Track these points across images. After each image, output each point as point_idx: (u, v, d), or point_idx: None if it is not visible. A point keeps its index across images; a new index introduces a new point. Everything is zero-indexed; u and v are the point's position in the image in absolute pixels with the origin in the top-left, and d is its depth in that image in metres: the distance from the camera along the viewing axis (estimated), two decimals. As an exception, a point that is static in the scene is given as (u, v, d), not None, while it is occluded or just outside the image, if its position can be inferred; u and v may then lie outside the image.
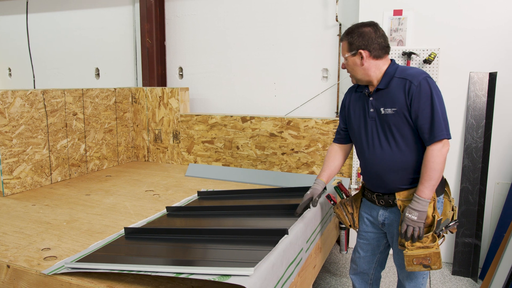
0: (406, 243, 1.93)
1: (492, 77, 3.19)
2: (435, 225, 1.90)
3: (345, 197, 2.38)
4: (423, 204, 1.87)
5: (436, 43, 3.31)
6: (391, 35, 3.39)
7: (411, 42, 3.37)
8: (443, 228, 1.92)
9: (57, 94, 3.48)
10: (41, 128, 3.35)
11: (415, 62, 3.32)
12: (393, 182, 2.02)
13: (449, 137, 1.87)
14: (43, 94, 3.35)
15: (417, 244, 1.91)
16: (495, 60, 3.19)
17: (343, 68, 2.11)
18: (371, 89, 2.05)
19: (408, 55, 3.29)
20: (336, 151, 2.33)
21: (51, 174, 3.46)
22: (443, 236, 1.97)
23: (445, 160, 1.87)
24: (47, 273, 1.84)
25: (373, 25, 2.01)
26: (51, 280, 1.83)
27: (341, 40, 2.09)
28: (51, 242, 2.22)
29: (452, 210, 2.06)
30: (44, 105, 3.36)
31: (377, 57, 1.99)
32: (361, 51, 1.97)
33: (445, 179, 2.06)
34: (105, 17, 5.09)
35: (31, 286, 1.89)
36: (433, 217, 1.91)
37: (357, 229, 2.30)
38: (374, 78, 2.02)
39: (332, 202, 2.42)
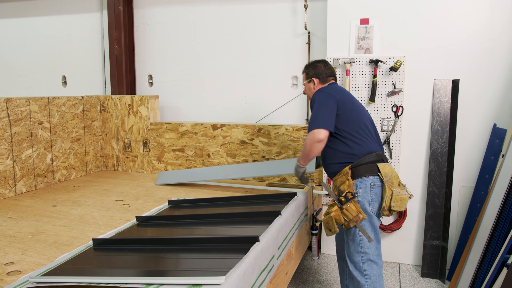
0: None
1: (455, 84, 3.30)
2: (336, 195, 2.37)
3: None
4: (296, 164, 2.59)
5: (402, 51, 3.40)
6: (358, 43, 3.47)
7: (378, 50, 3.45)
8: (342, 199, 2.31)
9: (22, 103, 3.38)
10: (4, 137, 3.24)
11: (381, 70, 3.41)
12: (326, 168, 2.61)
13: (317, 127, 2.35)
14: (6, 103, 3.25)
15: (325, 211, 2.42)
16: (458, 68, 3.31)
17: (304, 94, 2.83)
18: None
19: (375, 62, 3.37)
20: None
21: (15, 185, 3.35)
22: (358, 213, 2.30)
23: (312, 144, 2.38)
24: (11, 289, 1.77)
25: (323, 61, 2.70)
26: (15, 295, 1.77)
27: (302, 72, 2.80)
28: (14, 256, 2.15)
29: (392, 196, 2.34)
30: (8, 114, 3.26)
31: (323, 82, 2.66)
32: (314, 78, 2.67)
33: (376, 165, 2.39)
34: (72, 24, 4.99)
35: (-7, 302, 1.82)
36: (343, 191, 2.38)
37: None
38: None
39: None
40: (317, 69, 2.66)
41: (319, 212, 3.34)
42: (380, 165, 2.39)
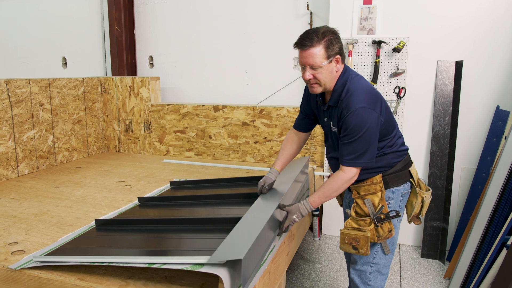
0: (345, 222, 2.06)
1: (458, 65, 3.27)
2: (375, 212, 1.98)
3: None
4: (305, 207, 1.99)
5: (405, 32, 3.36)
6: (361, 23, 3.43)
7: (381, 30, 3.41)
8: (381, 216, 1.98)
9: (22, 84, 3.36)
10: (5, 119, 3.23)
11: (384, 51, 3.37)
12: None
13: (361, 166, 1.90)
14: (6, 84, 3.23)
15: (353, 224, 2.01)
16: (461, 49, 3.28)
17: (308, 78, 1.88)
18: (326, 96, 2.04)
19: (378, 43, 3.34)
20: (293, 139, 2.32)
21: (17, 166, 3.36)
22: (390, 230, 2.01)
23: (344, 184, 1.93)
24: (15, 268, 1.79)
25: (335, 31, 1.89)
26: (20, 274, 1.79)
27: (309, 46, 1.81)
28: (18, 236, 2.16)
29: (422, 202, 2.10)
30: (8, 95, 3.25)
31: (343, 61, 1.93)
32: (338, 56, 1.87)
33: (408, 170, 2.08)
34: (72, 5, 4.93)
35: (-2, 281, 1.85)
36: (378, 205, 1.99)
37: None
38: (332, 85, 1.96)
39: None
40: (338, 41, 1.87)
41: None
42: (411, 170, 2.09)
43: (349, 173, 1.91)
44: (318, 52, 1.81)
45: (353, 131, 1.84)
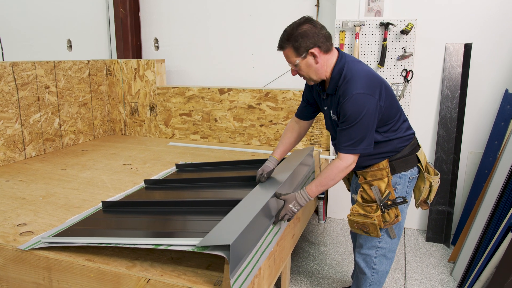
0: (351, 208, 2.06)
1: (467, 48, 3.22)
2: (382, 198, 1.98)
3: None
4: (303, 196, 1.96)
5: (413, 14, 3.31)
6: (368, 5, 3.37)
7: (389, 12, 3.36)
8: (388, 202, 1.97)
9: (28, 67, 3.36)
10: (11, 102, 3.24)
11: (392, 33, 3.32)
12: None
13: (359, 152, 1.88)
14: (12, 67, 3.23)
15: (360, 210, 2.02)
16: (471, 31, 3.22)
17: (295, 75, 2.01)
18: (325, 84, 2.03)
19: (385, 25, 3.29)
20: (294, 128, 2.33)
21: (24, 149, 3.38)
22: (396, 216, 2.01)
23: (341, 172, 1.91)
24: (24, 248, 1.81)
25: (308, 21, 1.90)
26: (28, 255, 1.81)
27: (281, 49, 1.95)
28: (27, 218, 2.19)
29: (430, 187, 2.10)
30: (14, 78, 3.25)
31: (326, 51, 1.91)
32: (312, 50, 1.87)
33: (416, 155, 2.06)
34: (76, -14, 4.89)
35: (7, 262, 1.87)
36: (385, 191, 1.98)
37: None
38: (326, 75, 1.97)
39: None
40: (309, 35, 1.87)
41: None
42: (419, 155, 2.07)
43: (346, 161, 1.90)
44: (287, 52, 1.93)
45: (351, 117, 1.83)
